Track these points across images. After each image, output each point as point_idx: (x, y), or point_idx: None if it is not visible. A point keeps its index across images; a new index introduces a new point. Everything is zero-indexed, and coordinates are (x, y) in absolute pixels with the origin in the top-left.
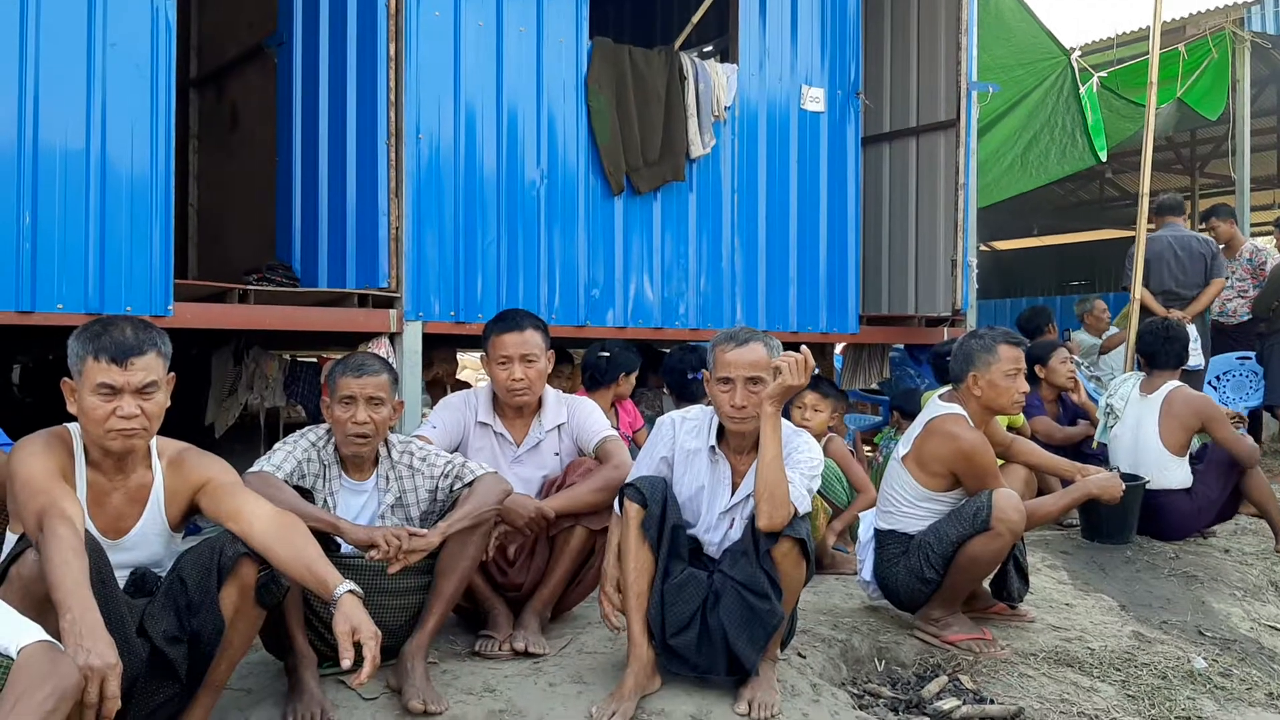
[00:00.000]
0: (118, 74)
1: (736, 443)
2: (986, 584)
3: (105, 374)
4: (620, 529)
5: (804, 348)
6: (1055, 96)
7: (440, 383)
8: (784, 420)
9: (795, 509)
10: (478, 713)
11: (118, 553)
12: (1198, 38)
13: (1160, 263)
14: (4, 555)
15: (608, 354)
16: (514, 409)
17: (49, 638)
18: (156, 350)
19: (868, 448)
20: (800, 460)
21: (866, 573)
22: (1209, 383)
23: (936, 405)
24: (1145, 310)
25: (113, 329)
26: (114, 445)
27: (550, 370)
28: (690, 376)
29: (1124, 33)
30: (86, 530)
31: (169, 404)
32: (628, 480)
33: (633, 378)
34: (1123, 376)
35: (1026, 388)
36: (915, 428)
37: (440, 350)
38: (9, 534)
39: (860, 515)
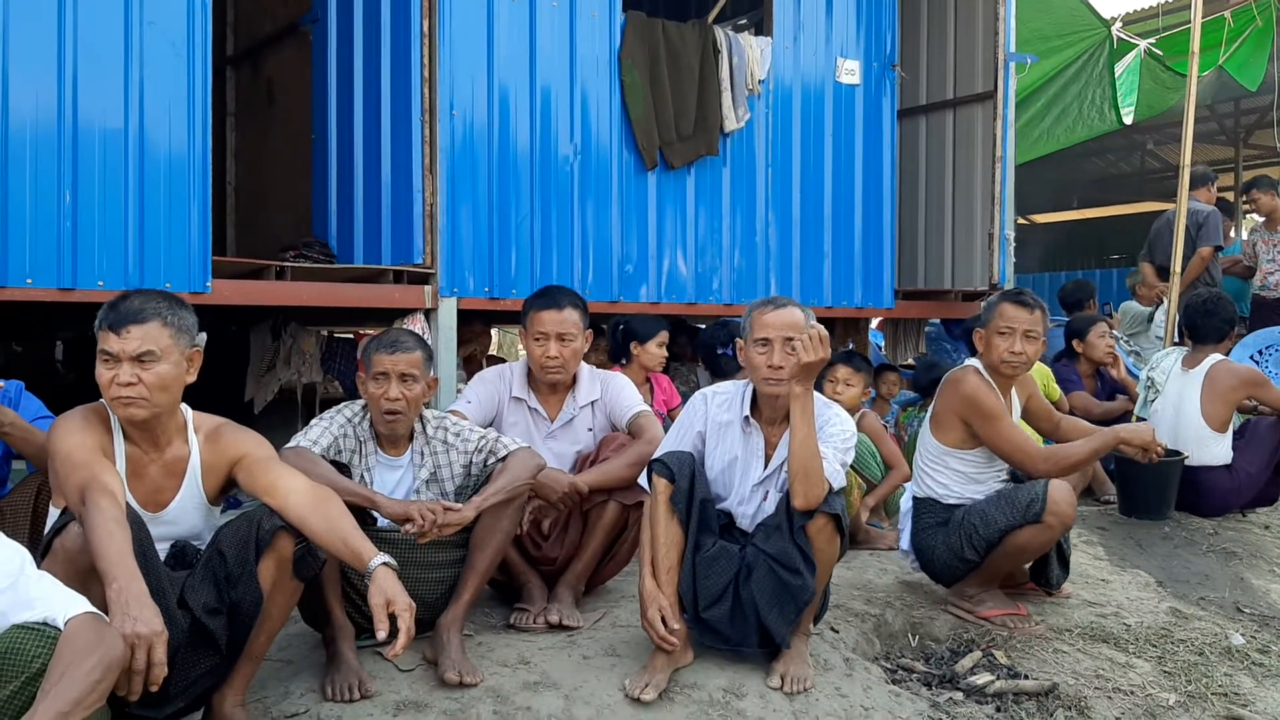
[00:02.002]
0: (155, 52)
1: (769, 413)
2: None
3: (105, 341)
4: (649, 507)
5: (816, 325)
6: (1091, 68)
7: (475, 359)
8: (816, 394)
9: (830, 485)
10: (513, 684)
11: (157, 525)
12: (1242, 4)
13: (1159, 240)
14: (48, 529)
15: (622, 326)
16: (548, 385)
17: (95, 609)
18: (161, 320)
19: None
20: (833, 434)
21: (905, 541)
22: (1251, 357)
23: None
24: (1192, 284)
25: (124, 300)
26: (119, 414)
27: (587, 349)
28: (720, 352)
29: (1169, 0)
30: (127, 503)
31: (192, 379)
32: (655, 456)
33: (652, 346)
34: (1164, 351)
35: (1020, 348)
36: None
37: (475, 325)
38: (52, 508)
39: (904, 487)
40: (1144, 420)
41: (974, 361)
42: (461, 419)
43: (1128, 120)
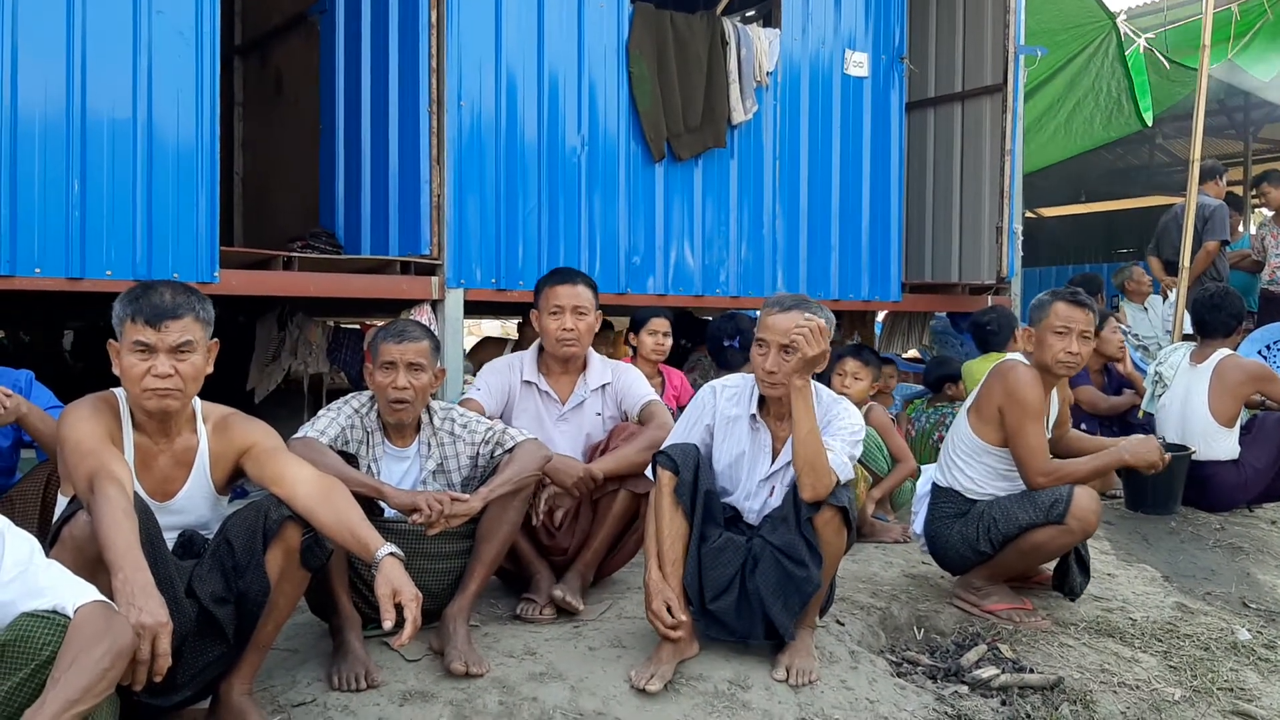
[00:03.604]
0: (163, 42)
1: (776, 409)
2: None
3: (141, 334)
4: (654, 499)
5: (815, 318)
6: (1100, 61)
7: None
8: (824, 388)
9: (837, 477)
10: (519, 675)
11: (165, 515)
12: None
13: (1166, 234)
14: (56, 517)
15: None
16: (560, 365)
17: (104, 598)
18: (194, 315)
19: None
20: (841, 428)
21: (918, 525)
22: (1258, 352)
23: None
24: (1199, 278)
25: (152, 292)
26: (150, 405)
27: (597, 329)
28: (726, 344)
29: None
30: (135, 492)
31: (210, 370)
32: (661, 448)
33: (643, 333)
34: (1173, 346)
35: (1076, 348)
36: (984, 379)
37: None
38: (60, 496)
39: (922, 468)
40: (1150, 414)
41: (1018, 356)
42: (469, 410)
43: (1149, 120)
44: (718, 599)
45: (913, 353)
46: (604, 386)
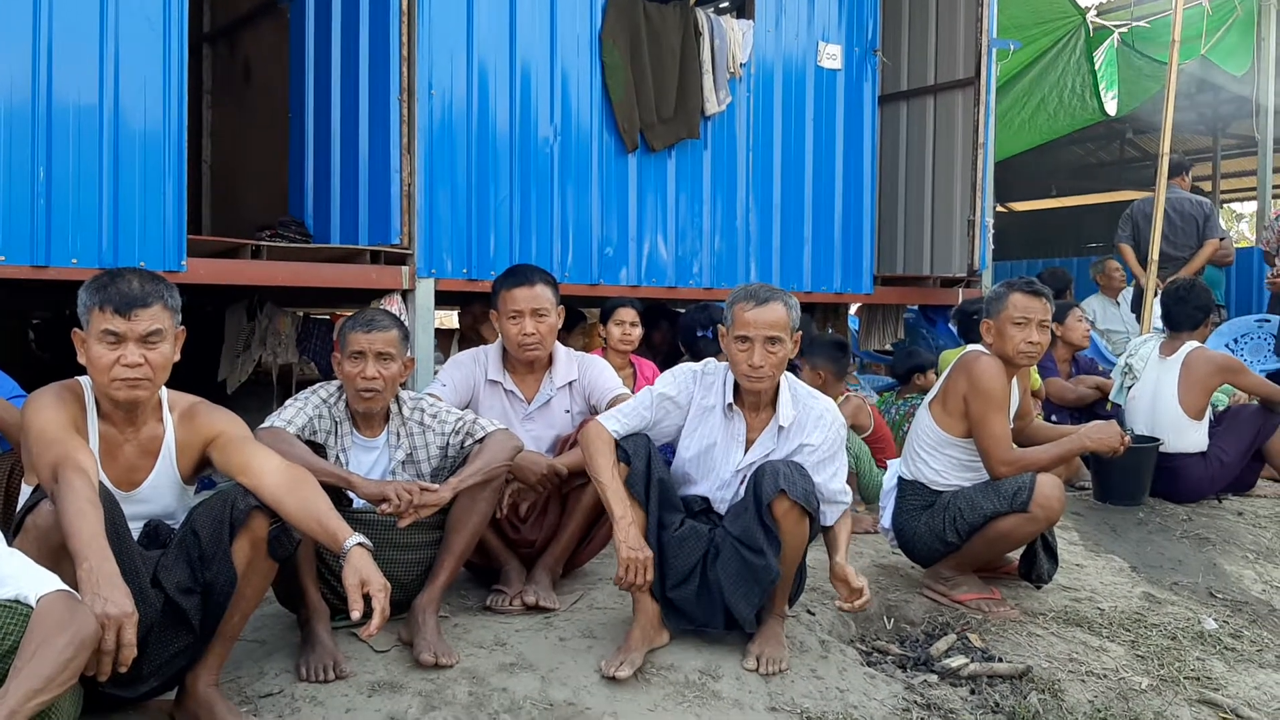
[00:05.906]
0: (130, 29)
1: (751, 400)
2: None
3: (110, 322)
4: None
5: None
6: (1068, 56)
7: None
8: (798, 381)
9: (845, 500)
10: (489, 666)
11: (131, 504)
12: None
13: (1151, 225)
14: (20, 506)
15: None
16: (525, 365)
17: (67, 587)
18: (162, 303)
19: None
20: (818, 462)
21: (886, 520)
22: (1226, 345)
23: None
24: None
25: (120, 280)
26: (119, 395)
27: (560, 326)
28: (700, 334)
29: None
30: (100, 482)
31: (178, 358)
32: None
33: (610, 324)
34: (1143, 338)
35: (1037, 338)
36: (947, 372)
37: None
38: (24, 485)
39: (888, 463)
40: (1119, 406)
41: (979, 348)
42: (438, 401)
43: (1111, 110)
44: (678, 587)
45: (886, 345)
46: (570, 383)
